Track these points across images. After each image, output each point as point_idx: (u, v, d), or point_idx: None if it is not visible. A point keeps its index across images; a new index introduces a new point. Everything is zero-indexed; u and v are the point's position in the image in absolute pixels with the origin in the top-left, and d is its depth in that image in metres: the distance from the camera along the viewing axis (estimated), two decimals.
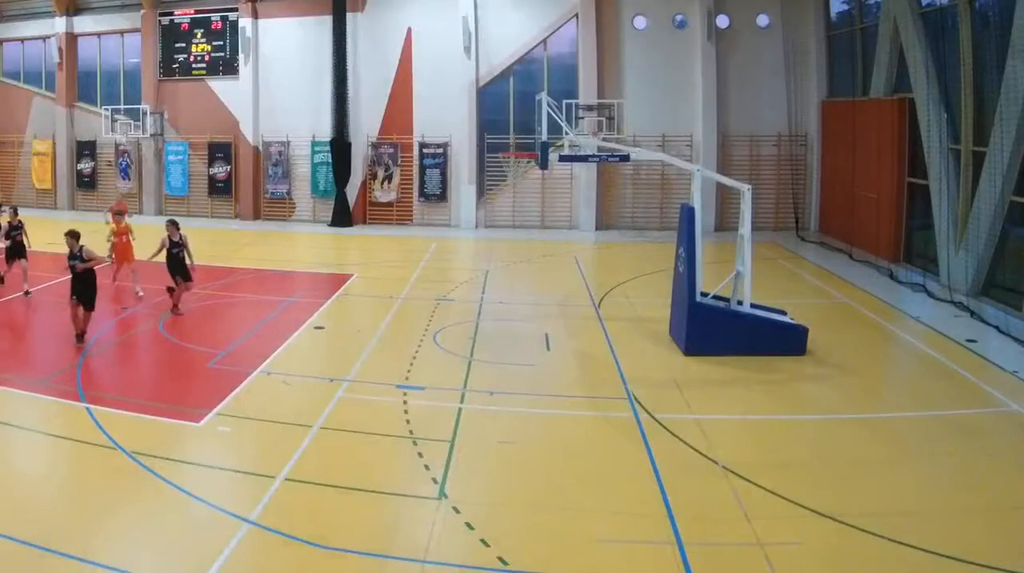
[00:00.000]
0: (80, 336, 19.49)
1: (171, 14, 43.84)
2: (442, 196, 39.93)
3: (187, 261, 22.45)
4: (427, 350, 19.52)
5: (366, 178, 40.82)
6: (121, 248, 25.07)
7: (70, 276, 19.83)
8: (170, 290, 22.61)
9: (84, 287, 19.54)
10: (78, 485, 12.54)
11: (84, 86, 47.01)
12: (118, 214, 25.83)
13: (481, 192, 39.65)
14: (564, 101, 33.78)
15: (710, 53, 36.60)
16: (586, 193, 38.16)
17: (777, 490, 11.92)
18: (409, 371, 17.96)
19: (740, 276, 19.24)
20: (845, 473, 12.72)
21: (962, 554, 10.04)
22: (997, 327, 20.43)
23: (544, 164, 24.66)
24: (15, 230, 25.42)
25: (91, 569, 9.86)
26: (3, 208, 27.93)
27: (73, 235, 19.89)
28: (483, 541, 10.62)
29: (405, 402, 15.96)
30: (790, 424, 15.00)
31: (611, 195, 38.58)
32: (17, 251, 25.04)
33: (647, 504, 11.67)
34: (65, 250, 19.96)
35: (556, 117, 23.90)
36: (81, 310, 19.49)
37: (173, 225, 22.67)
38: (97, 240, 24.32)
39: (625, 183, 38.43)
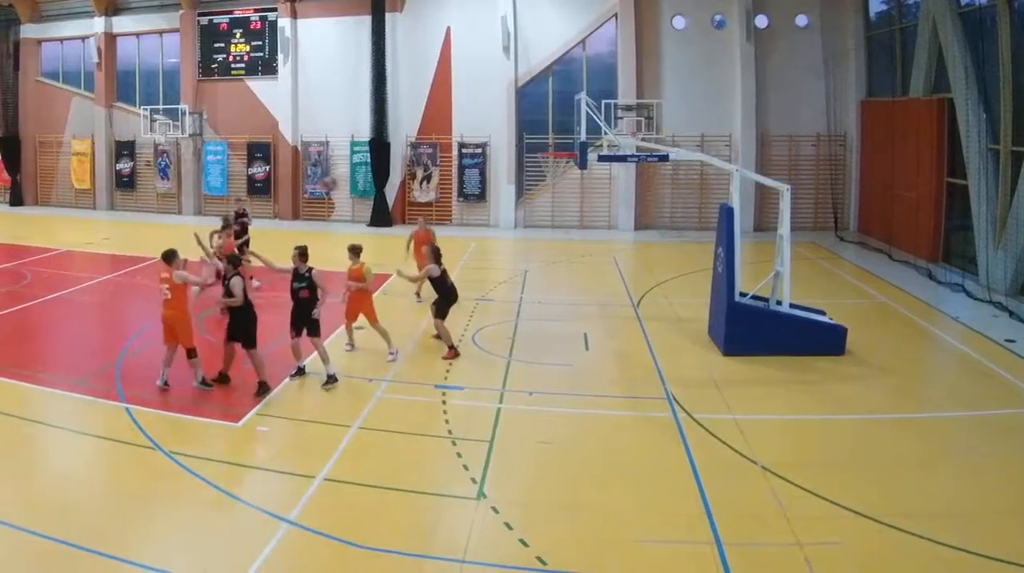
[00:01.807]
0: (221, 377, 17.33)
1: (210, 14, 45.61)
2: (481, 196, 41.17)
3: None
4: (466, 350, 19.88)
5: (405, 178, 42.20)
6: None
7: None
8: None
9: (246, 319, 16.92)
10: (117, 485, 12.97)
11: (123, 86, 48.70)
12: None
13: (520, 192, 40.82)
14: (603, 101, 34.52)
15: (749, 53, 37.55)
16: (625, 193, 39.26)
17: (816, 490, 12.27)
18: (448, 371, 18.42)
19: (779, 276, 19.77)
20: (884, 473, 13.02)
21: (1001, 554, 10.36)
22: None
23: (583, 164, 24.95)
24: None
25: (130, 569, 10.30)
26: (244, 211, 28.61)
27: (301, 253, 17.52)
28: (522, 541, 10.99)
29: (444, 402, 16.45)
30: (829, 424, 15.40)
31: (650, 195, 39.65)
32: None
33: (686, 504, 12.02)
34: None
35: (595, 117, 24.30)
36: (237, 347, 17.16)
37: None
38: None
39: (664, 183, 39.45)
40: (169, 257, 16.83)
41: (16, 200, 50.71)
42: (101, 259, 33.13)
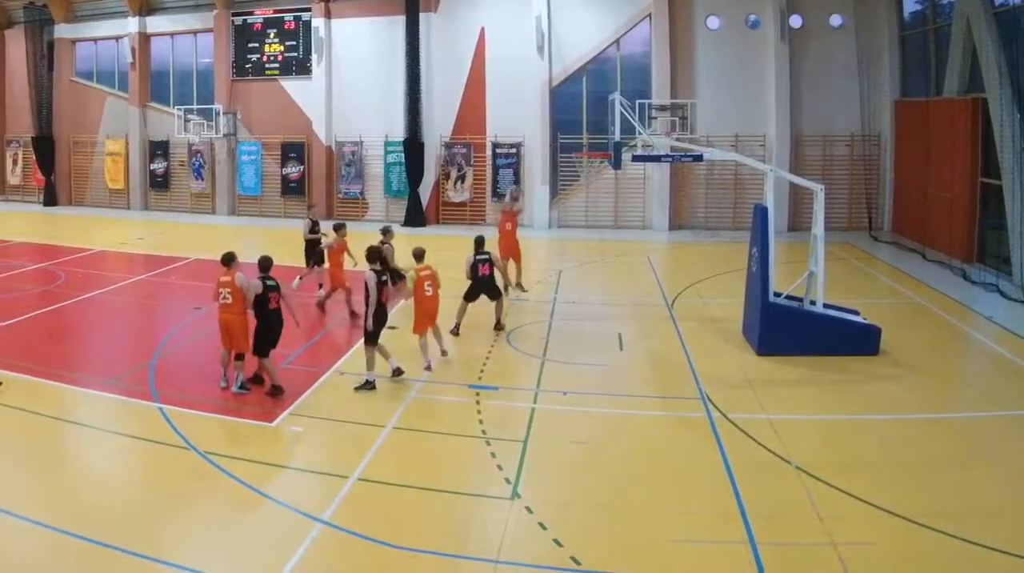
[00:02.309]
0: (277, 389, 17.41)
1: (244, 14, 46.89)
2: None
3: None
4: (500, 350, 20.38)
5: (439, 178, 43.29)
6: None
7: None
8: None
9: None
10: (151, 485, 13.28)
11: (157, 86, 50.09)
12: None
13: (554, 192, 41.58)
14: (637, 101, 34.89)
15: (783, 53, 38.08)
16: (659, 193, 39.93)
17: (850, 490, 12.47)
18: (482, 371, 18.79)
19: (813, 276, 20.09)
20: (918, 473, 13.26)
21: None
22: None
23: (617, 164, 25.19)
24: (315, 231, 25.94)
25: (164, 569, 10.58)
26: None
27: (373, 254, 17.82)
28: (556, 541, 11.21)
29: (478, 402, 16.75)
30: (863, 424, 15.64)
31: (684, 195, 40.28)
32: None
33: (720, 504, 12.26)
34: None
35: (629, 117, 24.37)
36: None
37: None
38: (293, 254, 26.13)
39: (698, 183, 40.05)
40: (228, 260, 17.12)
41: (50, 200, 52.03)
42: (135, 259, 34.12)
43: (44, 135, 51.79)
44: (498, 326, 21.84)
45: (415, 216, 41.88)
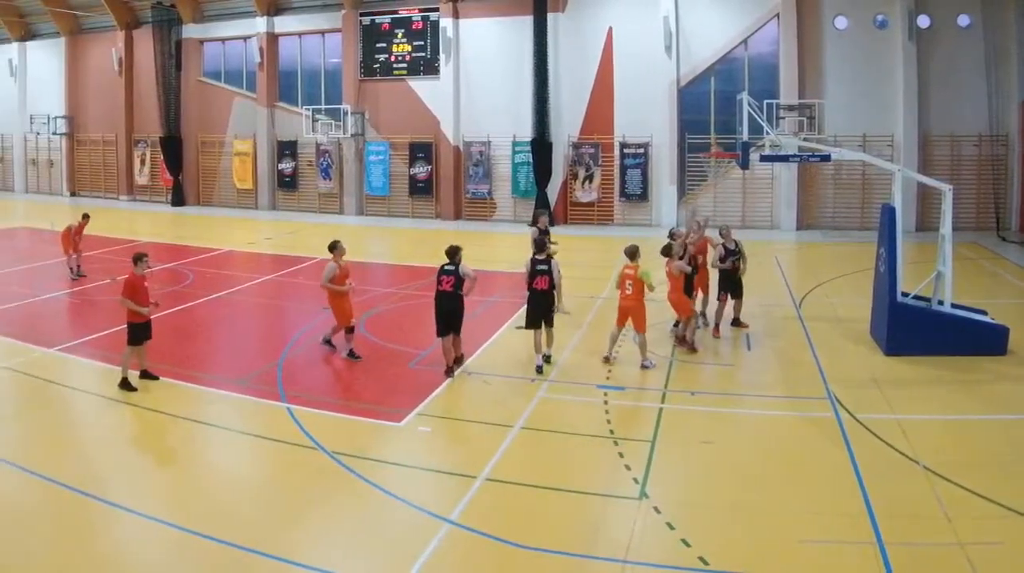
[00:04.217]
0: (450, 370, 19.50)
1: (372, 14, 51.30)
2: (643, 196, 45.48)
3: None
4: (628, 350, 20.80)
5: (567, 178, 46.99)
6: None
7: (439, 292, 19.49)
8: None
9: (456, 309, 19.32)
10: (279, 485, 13.99)
11: (285, 86, 54.95)
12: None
13: (682, 192, 44.97)
14: (765, 101, 37.57)
15: (911, 53, 40.52)
16: (787, 193, 42.90)
17: (978, 490, 12.80)
18: (610, 371, 19.52)
19: (941, 276, 20.75)
20: None
21: None
22: None
23: (745, 164, 26.17)
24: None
25: (293, 569, 11.13)
26: None
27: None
28: (684, 541, 11.59)
29: (606, 402, 17.44)
30: (991, 424, 16.03)
31: (812, 195, 43.12)
32: None
33: (847, 504, 12.65)
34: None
35: (757, 117, 25.08)
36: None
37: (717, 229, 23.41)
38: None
39: (826, 183, 42.85)
40: (632, 253, 19.80)
41: (178, 200, 57.35)
42: (263, 259, 36.52)
43: (172, 135, 56.89)
44: (738, 323, 23.09)
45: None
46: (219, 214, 53.67)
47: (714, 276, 23.20)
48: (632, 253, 19.95)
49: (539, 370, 19.50)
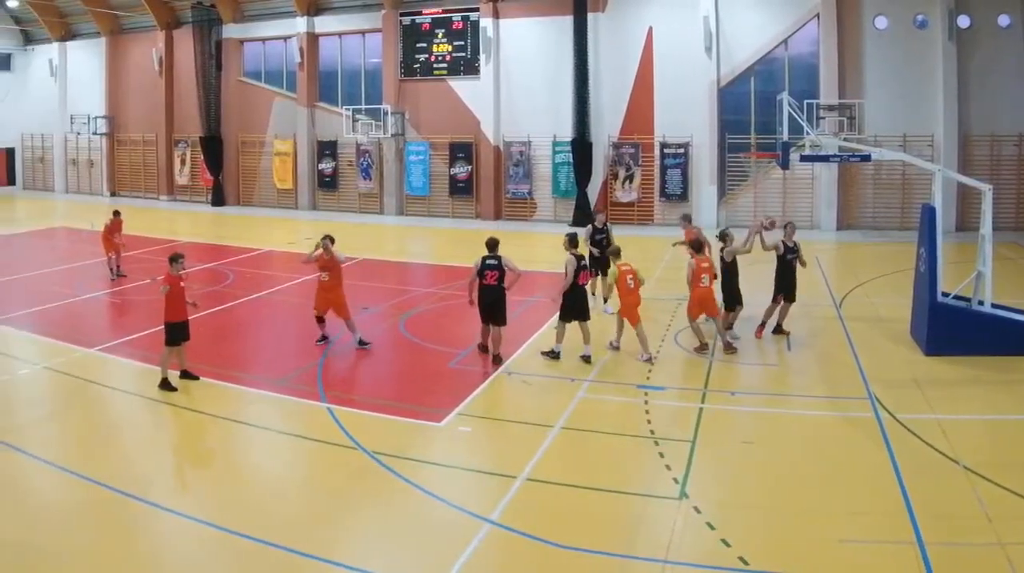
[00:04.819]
0: (484, 347, 21.22)
1: (412, 14, 52.44)
2: (683, 196, 46.10)
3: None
4: (668, 350, 21.52)
5: (607, 178, 47.88)
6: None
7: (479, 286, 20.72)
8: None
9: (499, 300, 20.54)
10: (319, 485, 14.30)
11: (325, 86, 56.13)
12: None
13: (722, 192, 45.81)
14: (805, 101, 37.91)
15: (951, 53, 41.00)
16: (827, 193, 43.51)
17: (1018, 490, 12.95)
18: (650, 371, 19.81)
19: (981, 276, 20.93)
20: None
21: None
22: None
23: (785, 164, 26.78)
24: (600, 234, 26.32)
25: (332, 569, 11.35)
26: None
27: (571, 239, 21.09)
28: (724, 541, 11.76)
29: (646, 402, 17.68)
30: None
31: (852, 195, 43.75)
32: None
33: (888, 504, 12.81)
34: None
35: (797, 117, 25.48)
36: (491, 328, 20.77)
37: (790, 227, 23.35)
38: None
39: (866, 183, 43.47)
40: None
41: (218, 200, 58.77)
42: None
43: (212, 135, 58.34)
44: (780, 331, 23.04)
45: (583, 216, 43.62)
46: (259, 214, 54.69)
47: (766, 275, 23.17)
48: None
49: (555, 355, 20.67)
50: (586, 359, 20.52)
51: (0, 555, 11.70)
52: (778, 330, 23.01)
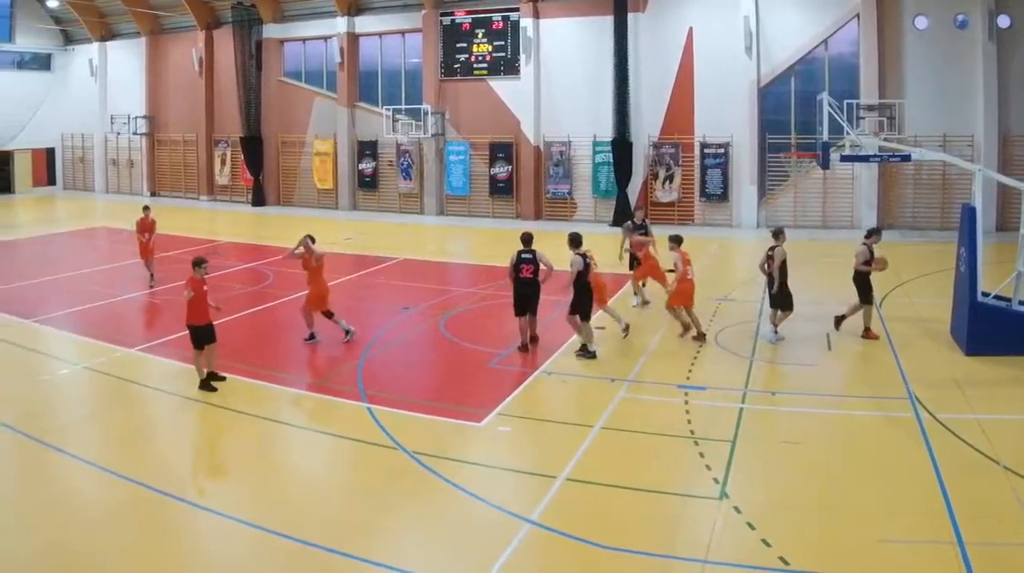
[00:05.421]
0: (525, 347, 22.19)
1: (452, 14, 53.56)
2: (723, 196, 47.06)
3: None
4: (708, 350, 21.99)
5: (647, 178, 48.70)
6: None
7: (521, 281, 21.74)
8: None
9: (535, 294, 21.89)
10: (360, 485, 14.64)
11: (365, 86, 57.35)
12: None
13: (762, 192, 46.51)
14: (845, 101, 38.12)
15: (991, 53, 41.42)
16: (867, 193, 44.07)
17: None
18: (690, 371, 20.26)
19: (1021, 276, 21.14)
20: None
21: None
22: None
23: (825, 164, 27.42)
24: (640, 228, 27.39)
25: (372, 569, 11.55)
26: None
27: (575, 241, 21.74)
28: (764, 541, 11.96)
29: (686, 402, 18.03)
30: None
31: (892, 195, 44.26)
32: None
33: (928, 504, 13.05)
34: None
35: (837, 117, 25.87)
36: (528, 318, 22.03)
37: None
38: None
39: (906, 183, 43.98)
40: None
41: (258, 200, 60.10)
42: (343, 259, 37.05)
43: (252, 135, 59.60)
44: (868, 333, 23.40)
45: (623, 216, 43.40)
46: (299, 214, 55.19)
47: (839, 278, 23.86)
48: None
49: (591, 354, 21.46)
50: (589, 353, 21.43)
51: (41, 555, 12.19)
52: (867, 333, 23.36)
